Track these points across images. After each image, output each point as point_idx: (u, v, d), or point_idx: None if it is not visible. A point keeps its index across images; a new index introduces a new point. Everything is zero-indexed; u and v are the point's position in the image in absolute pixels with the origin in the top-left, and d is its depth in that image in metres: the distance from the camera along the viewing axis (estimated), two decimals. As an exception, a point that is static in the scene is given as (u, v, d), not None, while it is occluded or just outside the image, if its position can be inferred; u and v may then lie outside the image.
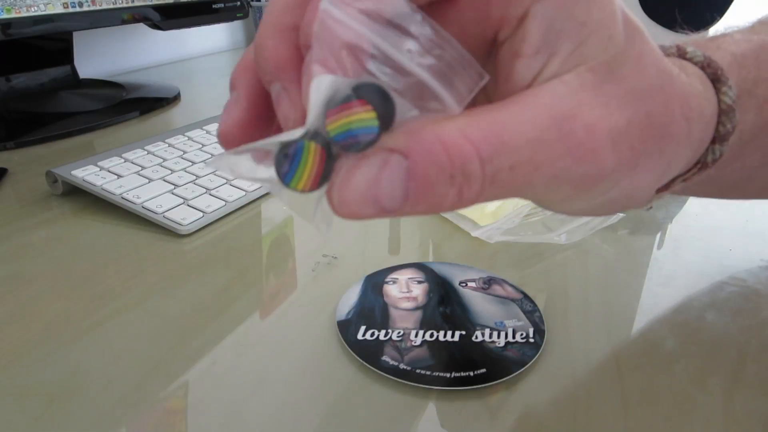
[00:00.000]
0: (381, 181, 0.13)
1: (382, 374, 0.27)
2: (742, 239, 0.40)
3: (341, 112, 0.13)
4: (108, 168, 0.46)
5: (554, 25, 0.14)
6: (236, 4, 0.81)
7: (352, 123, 0.13)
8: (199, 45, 1.09)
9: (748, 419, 0.25)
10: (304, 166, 0.14)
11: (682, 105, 0.17)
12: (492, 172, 0.14)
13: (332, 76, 0.13)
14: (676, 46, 0.21)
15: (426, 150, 0.13)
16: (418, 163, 0.13)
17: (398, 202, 0.14)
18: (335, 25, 0.13)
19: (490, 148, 0.14)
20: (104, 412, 0.25)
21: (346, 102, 0.13)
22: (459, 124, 0.14)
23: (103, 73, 0.88)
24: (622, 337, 0.30)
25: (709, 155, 0.20)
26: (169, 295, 0.33)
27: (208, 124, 0.58)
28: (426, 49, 0.13)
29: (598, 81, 0.15)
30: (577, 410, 0.25)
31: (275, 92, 0.16)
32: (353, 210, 0.14)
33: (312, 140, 0.14)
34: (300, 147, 0.14)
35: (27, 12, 0.56)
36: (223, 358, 0.28)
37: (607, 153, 0.15)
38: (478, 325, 0.30)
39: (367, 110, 0.13)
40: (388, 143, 0.13)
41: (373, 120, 0.13)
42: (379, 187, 0.13)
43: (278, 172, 0.14)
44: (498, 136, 0.14)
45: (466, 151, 0.13)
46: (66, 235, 0.40)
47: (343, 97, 0.13)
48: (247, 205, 0.45)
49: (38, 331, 0.30)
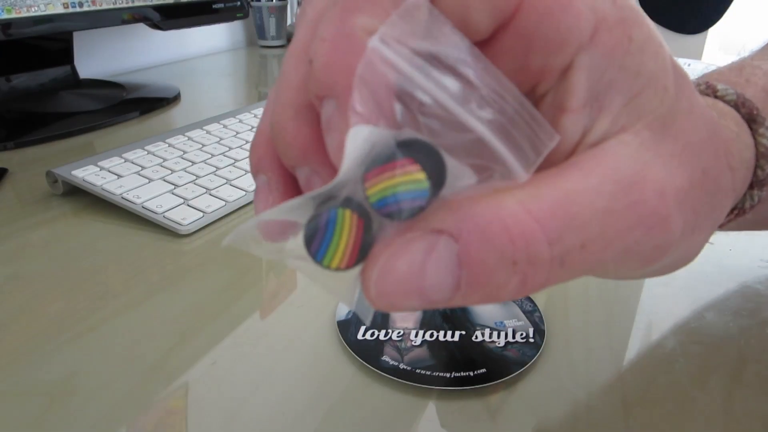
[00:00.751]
0: (427, 271, 0.11)
1: (382, 374, 0.27)
2: (742, 239, 0.40)
3: (384, 173, 0.11)
4: (108, 168, 0.46)
5: (604, 77, 0.13)
6: (236, 4, 0.81)
7: (398, 186, 0.11)
8: (199, 45, 1.09)
9: (748, 419, 0.25)
10: (339, 239, 0.12)
11: (726, 154, 0.16)
12: (561, 253, 0.12)
13: (371, 127, 0.11)
14: (705, 83, 0.20)
15: (482, 231, 0.11)
16: (471, 247, 0.11)
17: (448, 293, 0.12)
18: (384, 67, 0.11)
19: (558, 226, 0.12)
20: (104, 412, 0.25)
21: (389, 161, 0.11)
22: (519, 197, 0.12)
23: (103, 73, 0.88)
24: (622, 337, 0.30)
25: (746, 201, 0.19)
26: (169, 295, 0.33)
27: (208, 124, 0.58)
28: (487, 102, 0.11)
29: (657, 139, 0.13)
30: (577, 410, 0.25)
31: (304, 176, 0.14)
32: (394, 303, 0.12)
33: (347, 207, 0.11)
34: (333, 216, 0.12)
35: (27, 12, 0.56)
36: (223, 358, 0.28)
37: (676, 219, 0.13)
38: (478, 325, 0.30)
39: (415, 171, 0.11)
40: (435, 223, 0.11)
41: (423, 183, 0.11)
42: (424, 277, 0.11)
43: (308, 247, 0.12)
44: (566, 210, 0.12)
45: (531, 231, 0.11)
46: (66, 235, 0.40)
47: (387, 155, 0.11)
48: (247, 205, 0.45)
49: (38, 331, 0.30)
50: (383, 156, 0.11)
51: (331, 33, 0.12)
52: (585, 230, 0.12)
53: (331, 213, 0.12)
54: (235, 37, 1.19)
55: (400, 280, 0.12)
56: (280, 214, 0.13)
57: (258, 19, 1.14)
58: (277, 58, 1.10)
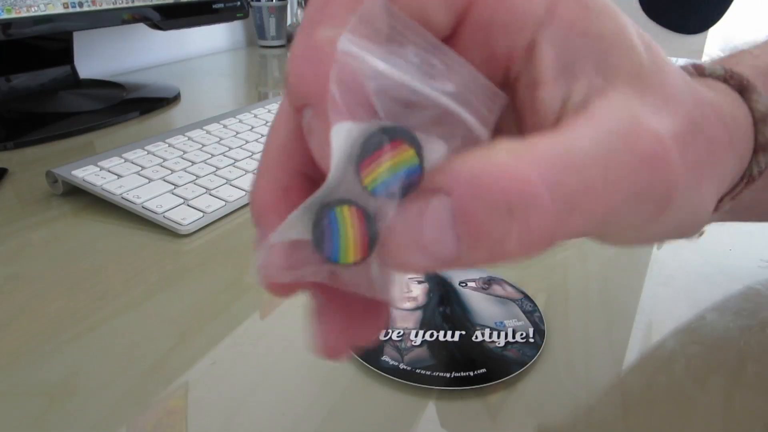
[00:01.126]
0: (423, 228, 0.12)
1: (382, 374, 0.27)
2: (742, 239, 0.40)
3: (376, 160, 0.11)
4: (108, 168, 0.46)
5: (569, 46, 0.13)
6: (236, 4, 0.81)
7: (392, 168, 0.12)
8: (199, 45, 1.09)
9: (748, 419, 0.25)
10: (346, 234, 0.12)
11: (714, 111, 0.16)
12: (563, 197, 0.12)
13: (351, 123, 0.12)
14: (691, 66, 0.20)
15: (471, 181, 0.11)
16: (463, 199, 0.11)
17: (451, 248, 0.12)
18: (355, 65, 0.12)
19: (555, 168, 0.11)
20: (104, 412, 0.25)
21: (378, 148, 0.11)
22: (510, 148, 0.12)
23: (103, 73, 0.88)
24: (622, 337, 0.30)
25: (753, 167, 0.19)
26: (169, 295, 0.33)
27: (208, 124, 0.58)
28: (446, 78, 0.12)
29: (638, 93, 0.13)
30: (577, 410, 0.25)
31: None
32: (404, 263, 0.12)
33: (343, 204, 0.12)
34: (333, 216, 0.12)
35: (27, 12, 0.56)
36: (223, 358, 0.28)
37: (676, 159, 0.13)
38: (478, 325, 0.30)
39: (404, 150, 0.11)
40: (429, 185, 0.12)
41: (414, 159, 0.12)
42: (422, 234, 0.12)
43: (320, 252, 0.12)
44: (562, 155, 0.12)
45: (523, 175, 0.11)
46: (66, 235, 0.40)
47: (375, 143, 0.11)
48: (247, 205, 0.45)
49: (38, 331, 0.30)
50: (371, 145, 0.11)
51: (298, 48, 0.13)
52: (585, 173, 0.12)
53: (330, 213, 0.12)
54: (235, 37, 1.19)
55: (402, 242, 0.12)
56: (284, 234, 0.13)
57: (258, 19, 1.14)
58: (277, 58, 1.10)
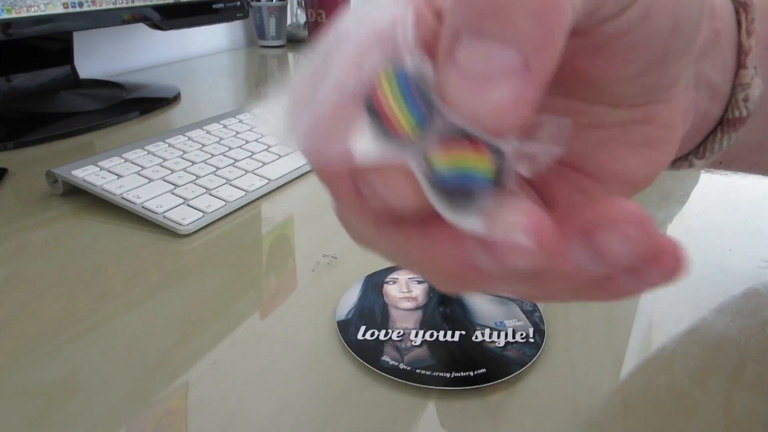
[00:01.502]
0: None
1: (382, 374, 0.27)
2: (742, 239, 0.40)
3: (457, 146, 0.11)
4: (108, 168, 0.46)
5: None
6: (236, 4, 0.81)
7: (467, 165, 0.11)
8: (199, 45, 1.09)
9: (748, 419, 0.25)
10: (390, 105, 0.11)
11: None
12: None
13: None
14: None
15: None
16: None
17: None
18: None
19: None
20: (104, 412, 0.25)
21: (469, 137, 0.11)
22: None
23: (103, 73, 0.88)
24: (621, 337, 0.30)
25: (739, 92, 0.19)
26: (169, 295, 0.33)
27: (208, 124, 0.58)
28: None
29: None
30: (577, 410, 0.25)
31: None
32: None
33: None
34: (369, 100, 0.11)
35: (27, 12, 0.56)
36: (223, 358, 0.28)
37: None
38: (478, 325, 0.30)
39: (487, 157, 0.11)
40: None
41: (488, 172, 0.11)
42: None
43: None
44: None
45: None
46: (66, 235, 0.40)
47: (469, 133, 0.11)
48: (247, 205, 0.45)
49: (38, 331, 0.30)
50: (465, 132, 0.11)
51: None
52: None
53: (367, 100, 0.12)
54: (235, 37, 1.19)
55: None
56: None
57: (258, 19, 1.14)
58: (277, 58, 1.10)
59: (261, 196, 0.46)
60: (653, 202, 0.46)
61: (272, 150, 0.53)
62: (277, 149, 0.53)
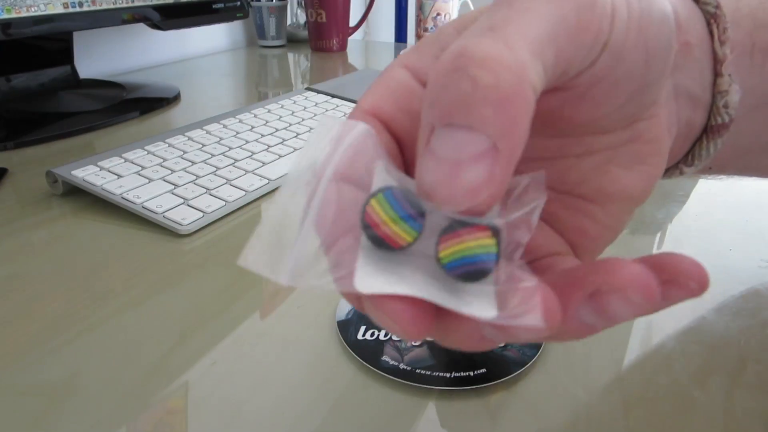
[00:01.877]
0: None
1: (382, 374, 0.27)
2: (742, 239, 0.40)
3: (457, 236, 0.12)
4: (108, 168, 0.46)
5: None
6: (236, 4, 0.81)
7: (470, 250, 0.12)
8: (199, 45, 1.09)
9: (748, 419, 0.25)
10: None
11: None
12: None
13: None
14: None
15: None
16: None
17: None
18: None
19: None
20: (104, 412, 0.25)
21: (463, 227, 0.12)
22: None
23: (103, 73, 0.88)
24: (621, 337, 0.30)
25: (719, 99, 0.20)
26: (169, 295, 0.33)
27: (208, 124, 0.58)
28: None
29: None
30: (577, 410, 0.25)
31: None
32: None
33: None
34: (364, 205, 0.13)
35: (27, 12, 0.56)
36: (223, 358, 0.28)
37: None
38: (478, 325, 0.30)
39: (486, 236, 0.12)
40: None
41: (492, 247, 0.12)
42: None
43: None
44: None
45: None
46: (66, 235, 0.40)
47: (460, 223, 0.12)
48: (247, 205, 0.45)
49: (38, 331, 0.30)
50: (457, 224, 0.12)
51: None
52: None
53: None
54: (235, 37, 1.19)
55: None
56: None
57: (258, 19, 1.14)
58: (277, 58, 1.10)
59: (261, 196, 0.46)
60: (653, 202, 0.46)
61: (272, 150, 0.53)
62: (277, 149, 0.53)
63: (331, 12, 1.11)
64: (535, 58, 0.12)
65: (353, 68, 1.02)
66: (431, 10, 1.29)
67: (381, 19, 1.62)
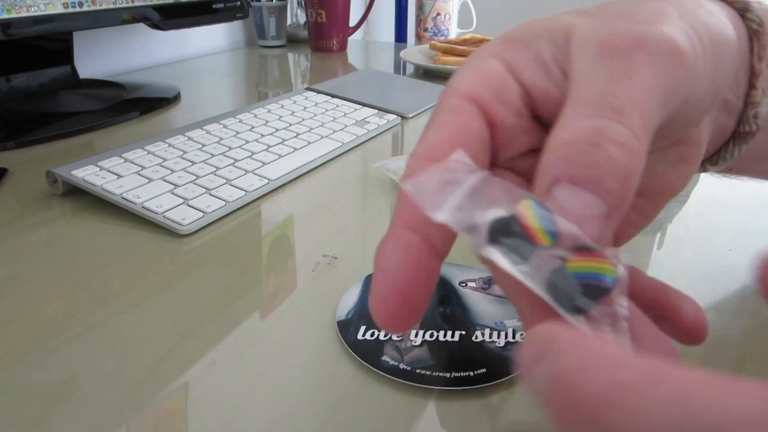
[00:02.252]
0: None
1: (382, 374, 0.27)
2: (742, 239, 0.40)
3: (588, 256, 0.14)
4: (108, 168, 0.46)
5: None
6: (236, 4, 0.81)
7: (600, 269, 0.14)
8: (199, 45, 1.09)
9: (748, 419, 0.25)
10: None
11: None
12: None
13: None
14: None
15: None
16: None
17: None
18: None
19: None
20: (104, 412, 0.25)
21: (593, 249, 0.14)
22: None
23: (103, 73, 0.88)
24: (622, 337, 0.30)
25: (750, 109, 0.22)
26: (169, 295, 0.33)
27: (208, 124, 0.58)
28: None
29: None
30: (577, 410, 0.25)
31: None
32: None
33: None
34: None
35: (27, 12, 0.56)
36: (223, 358, 0.28)
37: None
38: (478, 325, 0.30)
39: (609, 262, 0.14)
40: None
41: (614, 272, 0.14)
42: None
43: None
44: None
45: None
46: (66, 235, 0.40)
47: (590, 246, 0.14)
48: (247, 205, 0.45)
49: (38, 331, 0.30)
50: (586, 245, 0.14)
51: (409, 159, 0.17)
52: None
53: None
54: (235, 37, 1.19)
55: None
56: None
57: (258, 19, 1.14)
58: (277, 58, 1.10)
59: (261, 196, 0.46)
60: (653, 202, 0.46)
61: (272, 150, 0.53)
62: (277, 149, 0.53)
63: (331, 12, 1.11)
64: (648, 139, 0.15)
65: (353, 68, 1.02)
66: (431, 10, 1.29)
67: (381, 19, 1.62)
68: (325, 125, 0.61)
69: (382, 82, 0.82)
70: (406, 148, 0.60)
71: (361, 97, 0.71)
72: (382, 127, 0.63)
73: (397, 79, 0.90)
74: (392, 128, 0.65)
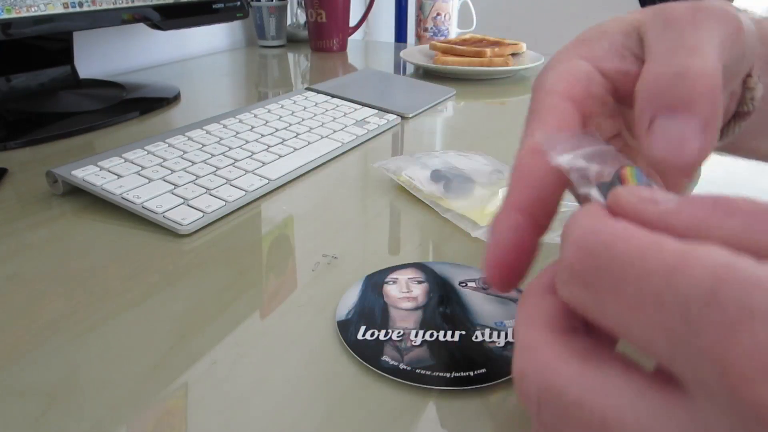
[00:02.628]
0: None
1: (382, 374, 0.27)
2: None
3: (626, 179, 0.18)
4: (108, 168, 0.46)
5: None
6: (236, 4, 0.81)
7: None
8: (199, 45, 1.09)
9: (748, 419, 0.25)
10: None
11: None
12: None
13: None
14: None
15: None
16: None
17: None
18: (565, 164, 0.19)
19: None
20: (104, 412, 0.25)
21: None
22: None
23: (103, 73, 0.88)
24: (622, 337, 0.30)
25: (747, 93, 0.26)
26: (169, 295, 0.33)
27: (208, 124, 0.58)
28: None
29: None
30: (577, 410, 0.25)
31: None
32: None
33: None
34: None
35: (27, 12, 0.56)
36: (223, 358, 0.28)
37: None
38: (478, 325, 0.30)
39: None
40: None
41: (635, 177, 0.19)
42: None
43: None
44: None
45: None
46: (66, 235, 0.40)
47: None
48: (247, 205, 0.45)
49: (38, 331, 0.30)
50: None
51: (519, 151, 0.21)
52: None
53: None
54: (235, 37, 1.19)
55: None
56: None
57: (258, 19, 1.14)
58: (277, 58, 1.10)
59: (261, 196, 0.46)
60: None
61: (272, 150, 0.53)
62: (277, 149, 0.53)
63: (331, 12, 1.11)
64: (721, 69, 0.19)
65: (353, 68, 1.02)
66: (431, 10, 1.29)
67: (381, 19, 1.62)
68: (325, 125, 0.61)
69: (382, 82, 0.82)
70: (406, 148, 0.60)
71: (361, 97, 0.71)
72: (382, 127, 0.63)
73: (397, 79, 0.90)
74: (392, 128, 0.65)
